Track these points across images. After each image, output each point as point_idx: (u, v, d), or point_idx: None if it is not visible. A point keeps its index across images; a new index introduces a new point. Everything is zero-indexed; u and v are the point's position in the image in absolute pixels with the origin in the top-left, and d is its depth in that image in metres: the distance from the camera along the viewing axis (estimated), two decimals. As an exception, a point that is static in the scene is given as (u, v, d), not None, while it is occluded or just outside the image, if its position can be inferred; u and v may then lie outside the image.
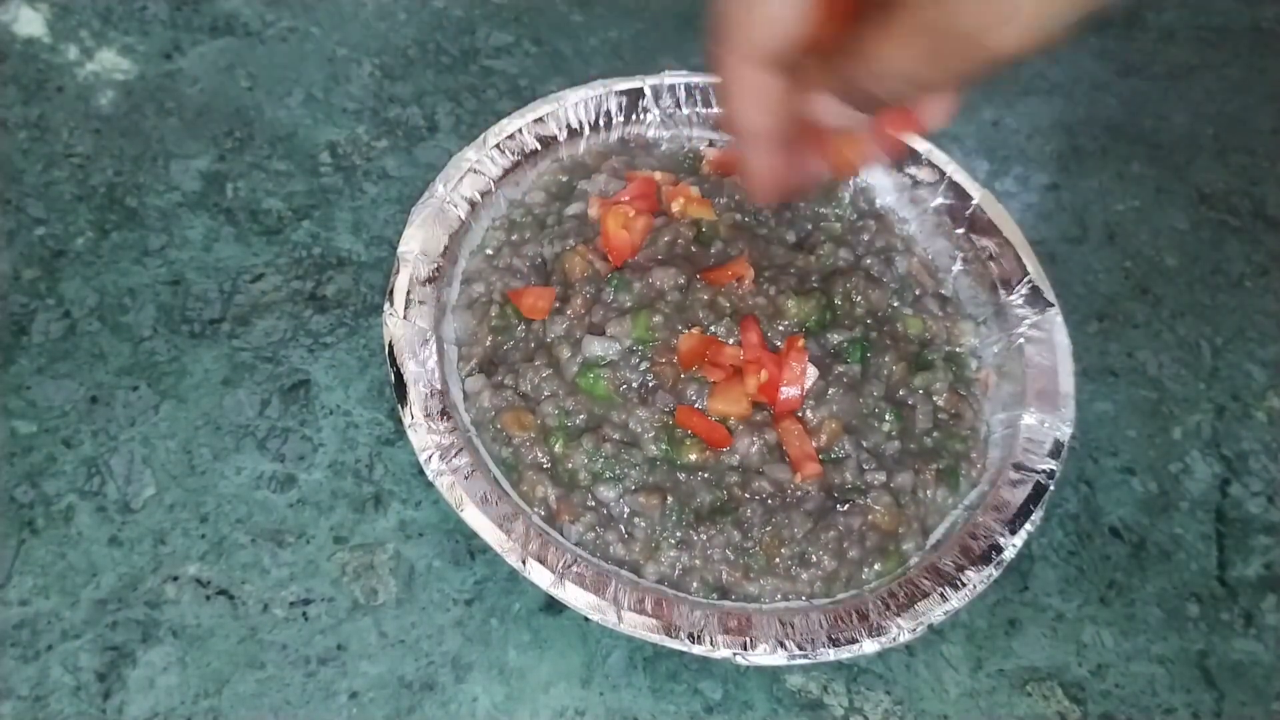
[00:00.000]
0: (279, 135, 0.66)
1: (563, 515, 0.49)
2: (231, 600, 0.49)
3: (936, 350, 0.57)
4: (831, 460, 0.52)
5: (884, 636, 0.46)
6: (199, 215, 0.62)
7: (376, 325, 0.59)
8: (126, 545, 0.50)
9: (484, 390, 0.53)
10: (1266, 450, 0.62)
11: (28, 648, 0.47)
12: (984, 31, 0.29)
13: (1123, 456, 0.60)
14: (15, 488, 0.51)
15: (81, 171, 0.62)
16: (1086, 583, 0.55)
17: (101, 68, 0.67)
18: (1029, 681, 0.52)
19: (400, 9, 0.74)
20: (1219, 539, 0.58)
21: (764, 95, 0.37)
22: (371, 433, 0.55)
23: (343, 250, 0.62)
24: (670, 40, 0.76)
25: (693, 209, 0.58)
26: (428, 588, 0.51)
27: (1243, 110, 0.80)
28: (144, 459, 0.53)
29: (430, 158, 0.66)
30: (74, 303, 0.57)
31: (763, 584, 0.49)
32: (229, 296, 0.59)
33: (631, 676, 0.49)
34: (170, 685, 0.47)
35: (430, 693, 0.48)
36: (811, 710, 0.49)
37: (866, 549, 0.50)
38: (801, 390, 0.52)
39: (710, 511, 0.50)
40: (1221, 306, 0.68)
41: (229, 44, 0.70)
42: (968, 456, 0.54)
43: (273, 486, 0.53)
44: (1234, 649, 0.54)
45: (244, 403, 0.56)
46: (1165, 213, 0.73)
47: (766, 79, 0.36)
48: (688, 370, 0.52)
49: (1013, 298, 0.59)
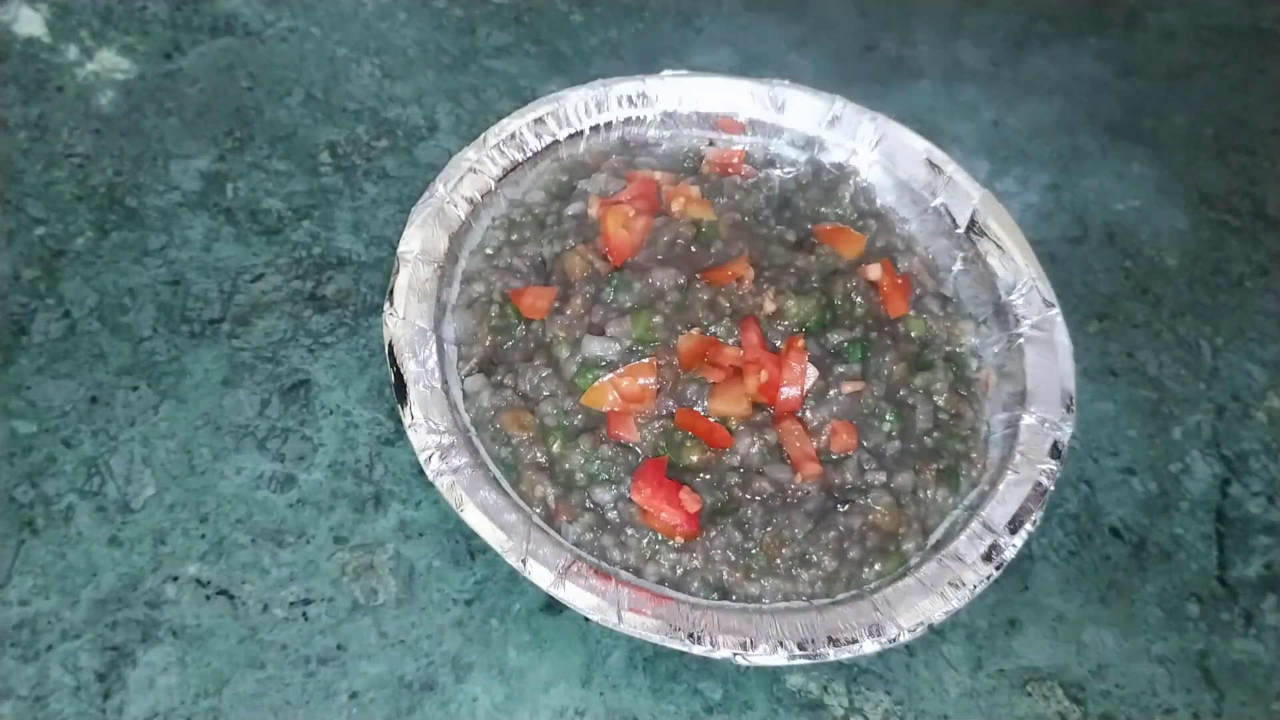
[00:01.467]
0: (279, 135, 0.66)
1: (561, 515, 0.49)
2: (231, 600, 0.49)
3: (936, 350, 0.57)
4: (832, 460, 0.52)
5: (884, 636, 0.46)
6: (199, 215, 0.62)
7: (376, 325, 0.59)
8: (126, 545, 0.50)
9: (483, 390, 0.53)
10: (1266, 450, 0.62)
11: (28, 648, 0.47)
12: None
13: (1123, 456, 0.60)
14: (15, 488, 0.51)
15: (81, 171, 0.62)
16: (1087, 583, 0.55)
17: (101, 67, 0.67)
18: (1029, 681, 0.52)
19: (400, 9, 0.74)
20: (1219, 539, 0.58)
21: None
22: (371, 433, 0.55)
23: (343, 250, 0.62)
24: (670, 40, 0.76)
25: (693, 209, 0.58)
26: (428, 588, 0.51)
27: (1243, 110, 0.80)
28: (144, 459, 0.53)
29: (430, 158, 0.66)
30: (74, 303, 0.57)
31: (763, 584, 0.49)
32: (229, 296, 0.59)
33: (631, 676, 0.49)
34: (170, 685, 0.47)
35: (430, 693, 0.48)
36: (811, 710, 0.49)
37: (867, 549, 0.50)
38: (801, 390, 0.52)
39: (711, 512, 0.50)
40: (1221, 306, 0.68)
41: (229, 44, 0.70)
42: (968, 456, 0.54)
43: (273, 486, 0.53)
44: (1234, 649, 0.54)
45: (244, 403, 0.55)
46: (1165, 213, 0.73)
47: None
48: (688, 371, 0.52)
49: (1013, 298, 0.59)
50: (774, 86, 0.65)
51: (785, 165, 0.65)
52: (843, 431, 0.52)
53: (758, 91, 0.65)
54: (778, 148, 0.65)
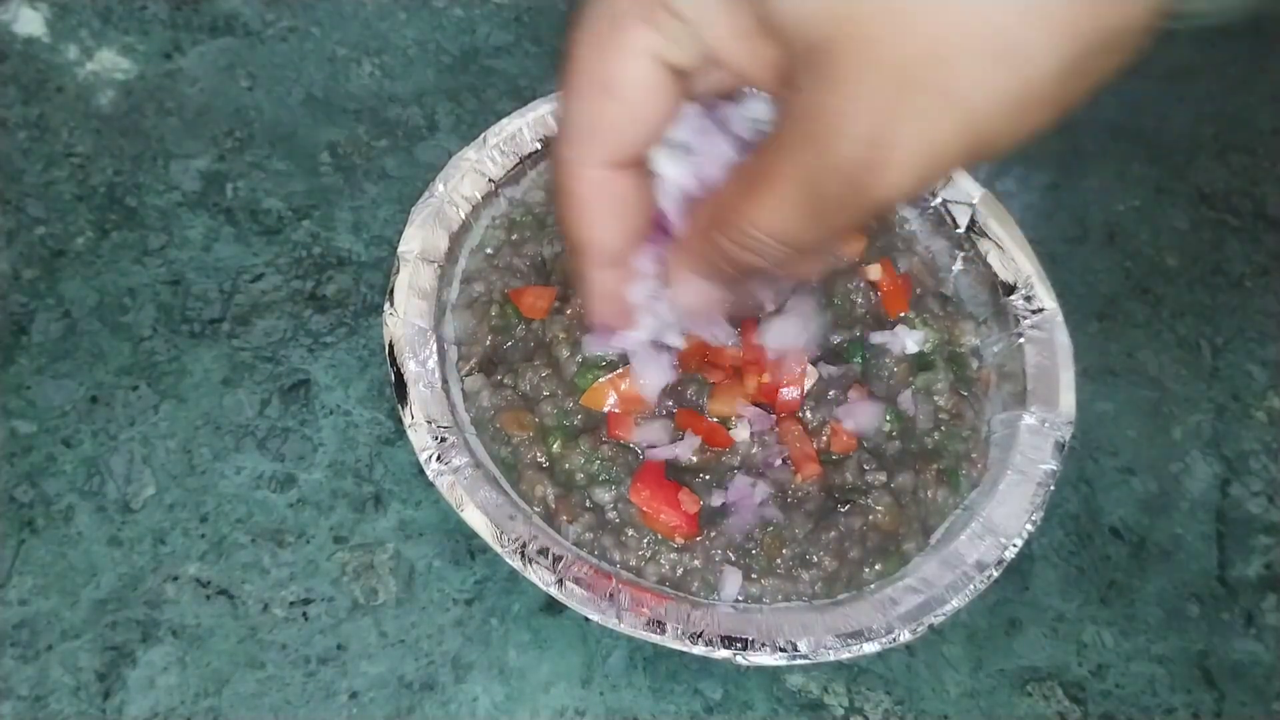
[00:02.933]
0: (279, 135, 0.66)
1: (561, 515, 0.49)
2: (231, 600, 0.49)
3: (937, 350, 0.57)
4: (832, 460, 0.52)
5: (884, 636, 0.46)
6: (199, 215, 0.62)
7: (376, 325, 0.59)
8: (126, 545, 0.50)
9: (483, 390, 0.53)
10: (1267, 450, 0.62)
11: (27, 648, 0.47)
12: (865, 172, 0.26)
13: (1123, 456, 0.60)
14: (15, 487, 0.51)
15: (81, 171, 0.62)
16: (1087, 583, 0.55)
17: (101, 67, 0.67)
18: (1029, 681, 0.52)
19: (400, 9, 0.74)
20: (1219, 539, 0.58)
21: (619, 208, 0.33)
22: (371, 432, 0.55)
23: (343, 250, 0.62)
24: (670, 40, 0.76)
25: (693, 209, 0.58)
26: (428, 587, 0.51)
27: (1243, 110, 0.80)
28: (144, 459, 0.53)
29: (430, 157, 0.66)
30: (74, 302, 0.57)
31: (764, 584, 0.49)
32: (229, 296, 0.59)
33: (631, 676, 0.49)
34: (170, 685, 0.47)
35: (430, 693, 0.48)
36: (812, 710, 0.49)
37: (867, 549, 0.50)
38: (801, 391, 0.52)
39: (711, 513, 0.50)
40: (1222, 306, 0.68)
41: (229, 44, 0.70)
42: (968, 456, 0.54)
43: (273, 486, 0.53)
44: (1234, 649, 0.54)
45: (244, 402, 0.55)
46: (1165, 213, 0.73)
47: (621, 188, 0.32)
48: (687, 371, 0.52)
49: (1013, 298, 0.59)
50: (774, 86, 0.65)
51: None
52: (843, 432, 0.52)
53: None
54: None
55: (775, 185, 0.28)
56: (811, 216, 0.28)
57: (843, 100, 0.25)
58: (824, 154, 0.26)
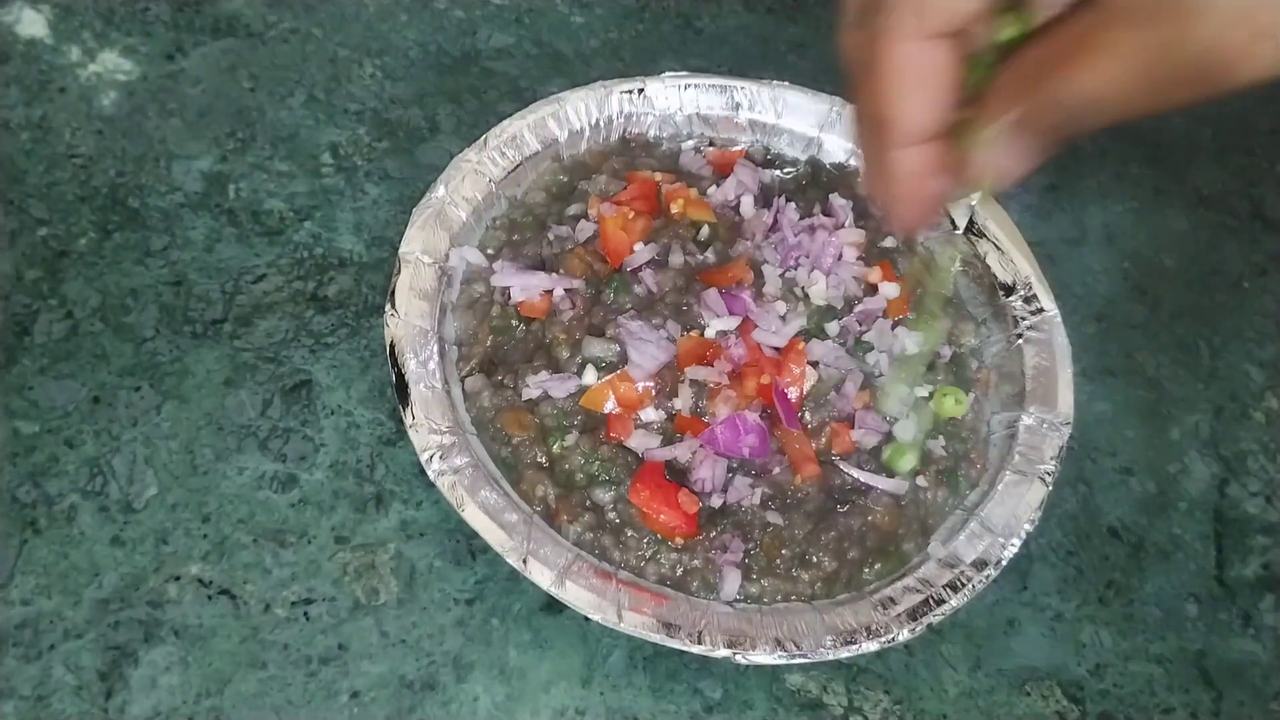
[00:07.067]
0: (281, 136, 0.66)
1: (561, 515, 0.49)
2: (233, 600, 0.50)
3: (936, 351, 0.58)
4: (832, 461, 0.52)
5: (884, 636, 0.46)
6: (201, 216, 0.62)
7: (378, 325, 0.59)
8: (129, 545, 0.50)
9: (484, 390, 0.53)
10: (1264, 450, 0.62)
11: (30, 647, 0.47)
12: (1229, 53, 0.24)
13: (1121, 457, 0.61)
14: (18, 488, 0.51)
15: (84, 172, 0.63)
16: (1085, 583, 0.56)
17: (104, 69, 0.67)
18: (1028, 681, 0.52)
19: (401, 10, 0.74)
20: (1217, 539, 0.58)
21: (935, 80, 0.30)
22: (373, 433, 0.56)
23: (344, 251, 0.62)
24: (670, 40, 0.77)
25: (692, 210, 0.59)
26: (429, 587, 0.51)
27: (1242, 110, 0.80)
28: (146, 459, 0.53)
29: (431, 159, 0.66)
30: (76, 303, 0.57)
31: (763, 584, 0.49)
32: (231, 297, 0.59)
33: (632, 676, 0.49)
34: (172, 685, 0.47)
35: (431, 692, 0.48)
36: (811, 710, 0.50)
37: (867, 549, 0.50)
38: (801, 392, 0.52)
39: (711, 513, 0.50)
40: (1220, 307, 0.68)
41: (231, 45, 0.70)
42: (968, 456, 0.54)
43: (274, 486, 0.53)
44: (1232, 649, 0.54)
45: (246, 403, 0.56)
46: (1164, 214, 0.73)
47: (940, 59, 0.29)
48: (685, 368, 0.53)
49: (1012, 298, 0.59)
50: (774, 87, 0.65)
51: (785, 165, 0.65)
52: (843, 432, 0.52)
53: (758, 92, 0.65)
54: (778, 148, 0.66)
55: (1113, 57, 0.26)
56: (1151, 89, 0.26)
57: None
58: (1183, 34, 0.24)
